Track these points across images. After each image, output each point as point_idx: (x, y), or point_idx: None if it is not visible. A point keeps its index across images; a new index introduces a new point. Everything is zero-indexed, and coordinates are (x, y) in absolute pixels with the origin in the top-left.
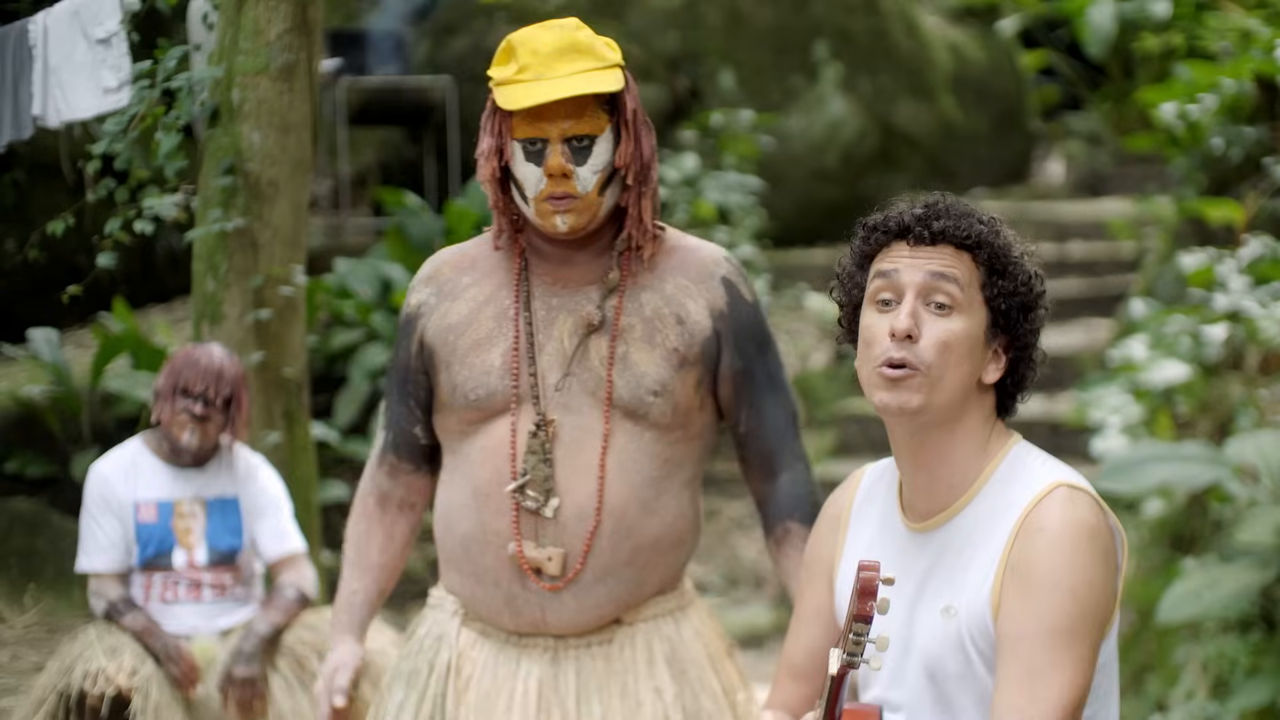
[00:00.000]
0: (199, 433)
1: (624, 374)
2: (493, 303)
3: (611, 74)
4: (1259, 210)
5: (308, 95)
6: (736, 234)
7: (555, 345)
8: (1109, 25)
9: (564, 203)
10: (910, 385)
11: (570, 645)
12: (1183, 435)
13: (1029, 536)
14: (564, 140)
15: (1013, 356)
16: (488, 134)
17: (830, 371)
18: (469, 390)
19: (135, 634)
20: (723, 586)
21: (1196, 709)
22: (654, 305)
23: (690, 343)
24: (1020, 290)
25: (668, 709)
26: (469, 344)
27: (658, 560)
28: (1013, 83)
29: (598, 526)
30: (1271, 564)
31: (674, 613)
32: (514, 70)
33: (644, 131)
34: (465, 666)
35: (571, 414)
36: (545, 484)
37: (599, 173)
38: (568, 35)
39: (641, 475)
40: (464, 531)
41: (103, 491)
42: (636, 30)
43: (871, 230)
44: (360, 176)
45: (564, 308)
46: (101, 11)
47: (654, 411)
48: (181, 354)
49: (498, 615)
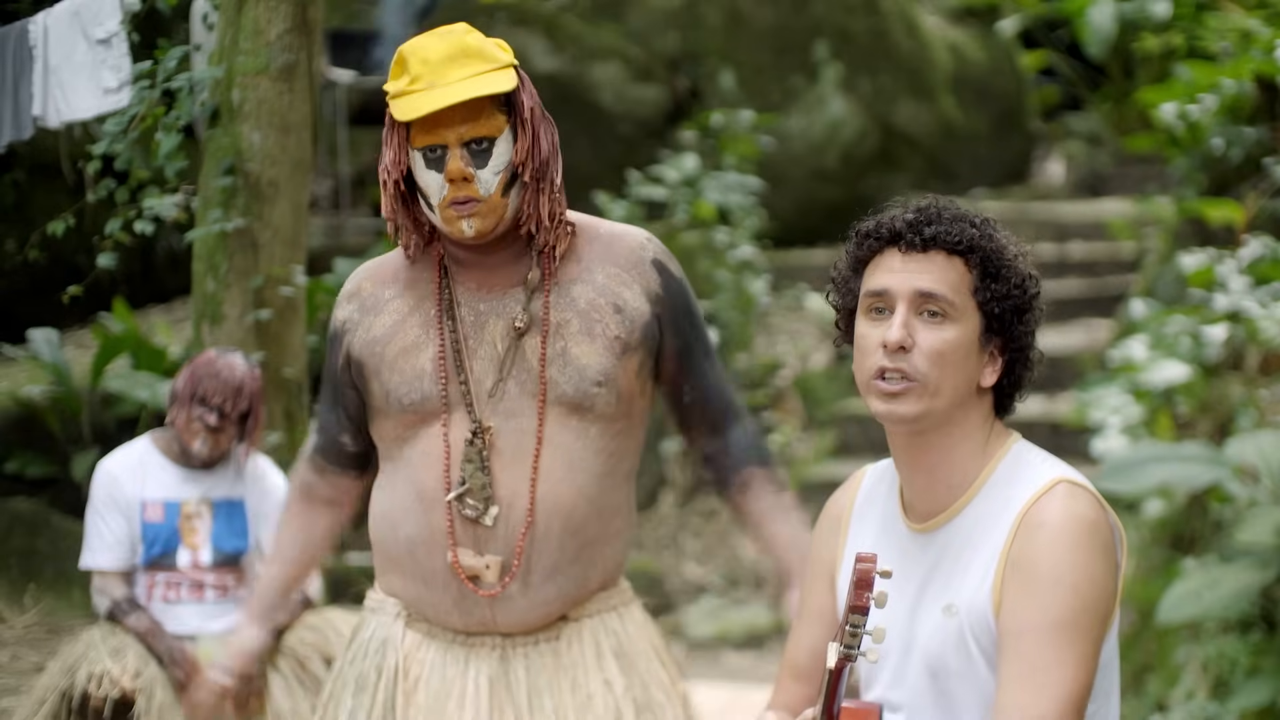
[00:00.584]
0: (210, 442)
1: (564, 370)
2: (417, 312)
3: (504, 74)
4: (1259, 210)
5: (308, 95)
6: (736, 234)
7: (488, 349)
8: (1109, 25)
9: (467, 207)
10: (907, 396)
11: (518, 643)
12: (1183, 435)
13: (1030, 532)
14: (462, 144)
15: (1009, 358)
16: (388, 146)
17: (830, 372)
18: (402, 395)
19: (139, 635)
20: (723, 587)
21: (1197, 709)
22: (587, 297)
23: (631, 329)
24: (1014, 293)
25: (618, 701)
26: (396, 351)
27: (601, 554)
28: (1013, 83)
29: (529, 530)
30: (1271, 564)
31: (617, 608)
32: (407, 81)
33: (543, 128)
34: (413, 668)
35: (510, 418)
36: (483, 492)
37: (500, 173)
38: (457, 41)
39: (588, 473)
40: (409, 534)
41: (110, 489)
42: (637, 30)
43: (864, 237)
44: (360, 176)
45: (492, 312)
46: (101, 12)
47: (599, 403)
48: (204, 360)
49: (446, 616)
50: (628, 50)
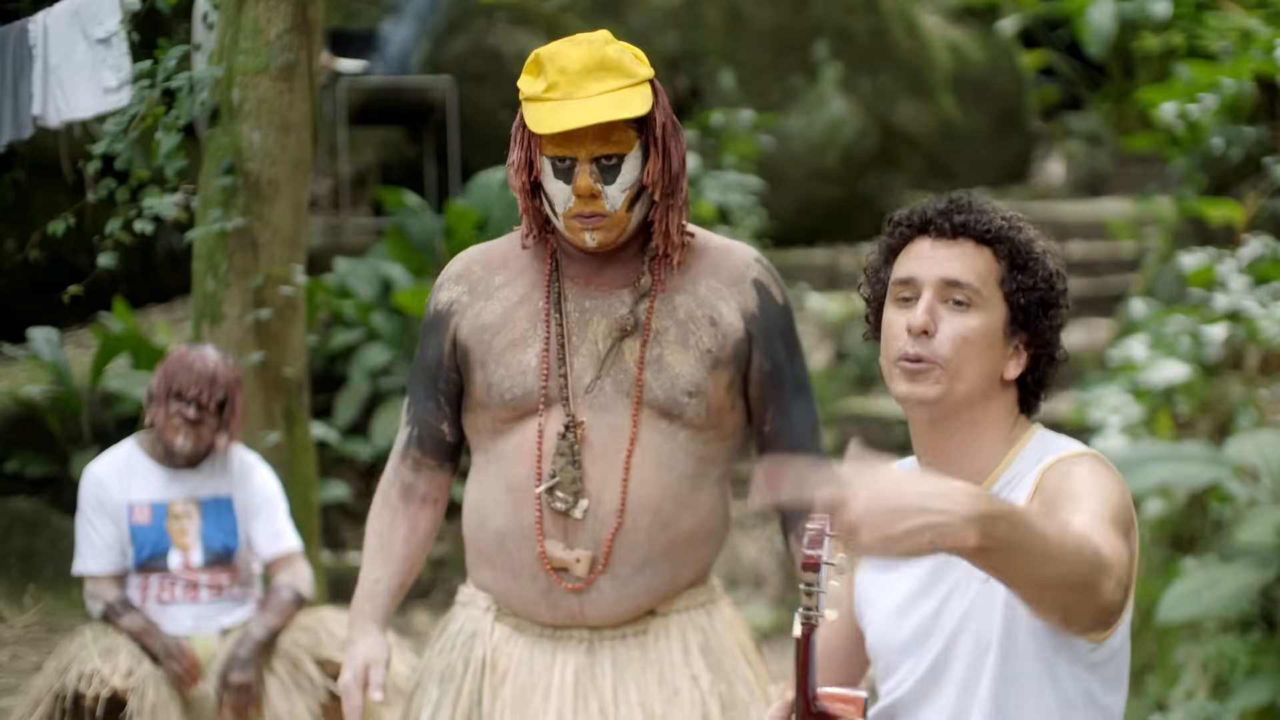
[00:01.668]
0: (192, 436)
1: (658, 376)
2: (526, 303)
3: (640, 92)
4: (1259, 210)
5: (308, 95)
6: (736, 234)
7: (590, 347)
8: (1109, 25)
9: (592, 220)
10: (928, 378)
11: (605, 636)
12: (1183, 435)
13: (1057, 474)
14: (592, 160)
15: (1034, 353)
16: (517, 146)
17: (830, 371)
18: (505, 390)
19: (133, 635)
20: (723, 586)
21: (1196, 709)
22: (687, 308)
23: (723, 344)
24: (1040, 286)
25: (704, 696)
26: (504, 343)
27: (692, 553)
28: (1013, 82)
29: (620, 527)
30: (1271, 564)
31: (705, 605)
32: (542, 87)
33: (673, 143)
34: (500, 661)
35: (603, 414)
36: (574, 485)
37: (627, 190)
38: (597, 52)
39: (676, 472)
40: (499, 526)
41: (97, 493)
42: (636, 30)
43: (896, 225)
44: (360, 176)
45: (598, 310)
46: (101, 11)
47: (689, 412)
48: (175, 356)
49: (534, 609)
50: None
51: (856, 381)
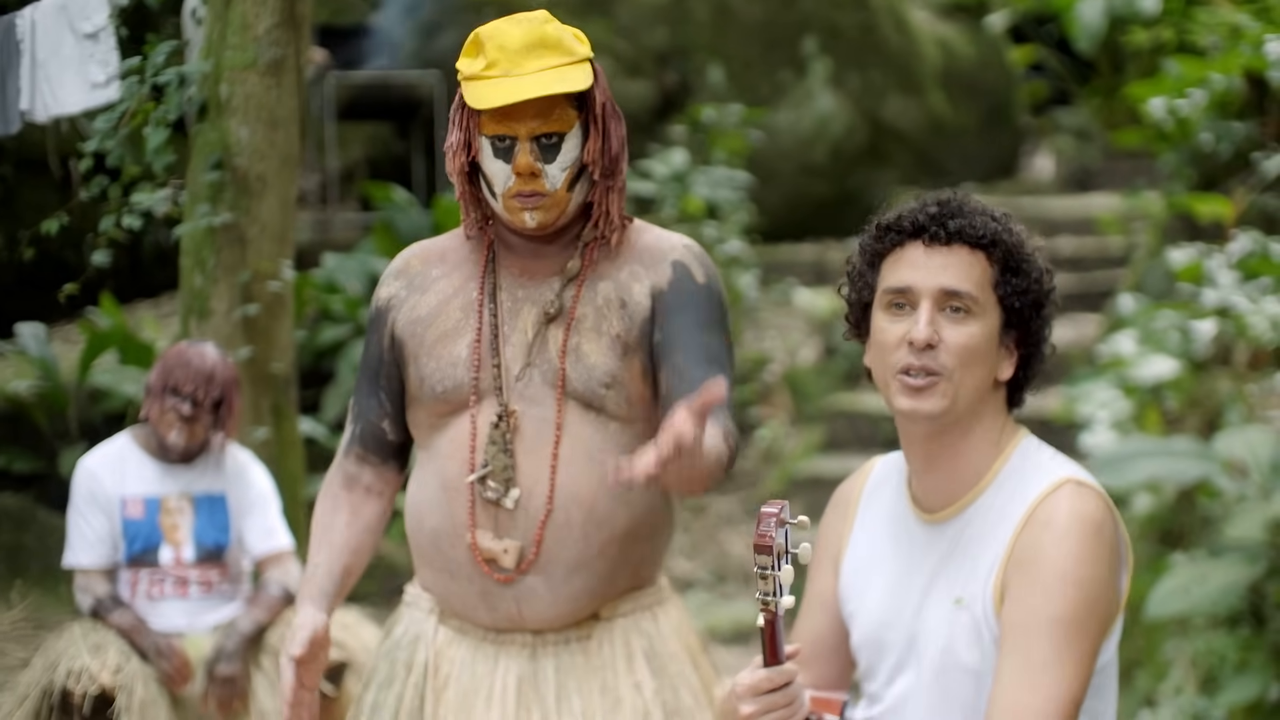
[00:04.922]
0: (186, 432)
1: (576, 366)
2: (460, 294)
3: (580, 70)
4: (1248, 206)
5: (296, 90)
6: (725, 229)
7: (519, 336)
8: (1098, 20)
9: (532, 200)
10: (934, 392)
11: (548, 641)
12: (1171, 431)
13: (1035, 530)
14: (532, 138)
15: (1025, 352)
16: (456, 127)
17: (819, 367)
18: (435, 383)
19: (122, 631)
20: (710, 582)
21: (1185, 704)
22: (605, 293)
23: (629, 326)
24: (1033, 288)
25: (647, 704)
26: (435, 336)
27: (631, 551)
28: (1002, 78)
29: (548, 517)
30: (1260, 559)
31: (652, 608)
32: (482, 65)
33: (613, 124)
34: (443, 665)
35: (533, 405)
36: (505, 474)
37: (567, 169)
38: (536, 29)
39: (610, 466)
40: (434, 526)
41: (90, 487)
42: (625, 25)
43: (885, 230)
44: (348, 171)
45: (529, 299)
46: (89, 6)
47: (609, 404)
48: (174, 351)
49: (473, 611)
50: (616, 45)
51: (844, 377)
